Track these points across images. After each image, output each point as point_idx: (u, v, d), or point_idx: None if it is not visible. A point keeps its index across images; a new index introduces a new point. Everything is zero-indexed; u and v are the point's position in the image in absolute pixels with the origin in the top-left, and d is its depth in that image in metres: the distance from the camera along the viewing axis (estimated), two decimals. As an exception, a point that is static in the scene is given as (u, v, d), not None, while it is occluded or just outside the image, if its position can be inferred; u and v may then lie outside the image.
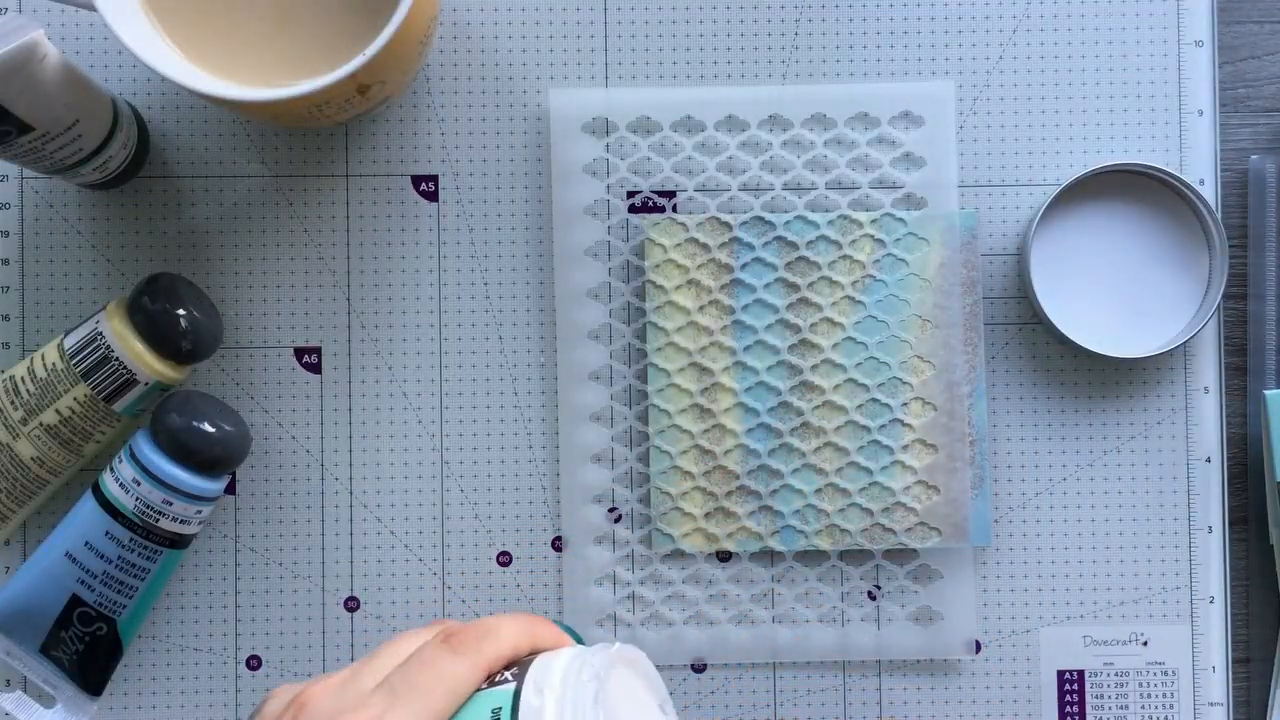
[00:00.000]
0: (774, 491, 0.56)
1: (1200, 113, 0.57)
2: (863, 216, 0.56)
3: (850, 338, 0.56)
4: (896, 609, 0.56)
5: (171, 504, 0.51)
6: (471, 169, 0.57)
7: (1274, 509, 0.56)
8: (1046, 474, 0.57)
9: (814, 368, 0.56)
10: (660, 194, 0.56)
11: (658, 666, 0.56)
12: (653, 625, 0.56)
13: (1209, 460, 0.57)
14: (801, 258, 0.56)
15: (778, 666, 0.56)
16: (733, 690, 0.56)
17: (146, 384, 0.52)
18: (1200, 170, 0.57)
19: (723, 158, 0.56)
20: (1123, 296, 0.56)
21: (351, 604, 0.56)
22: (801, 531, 0.56)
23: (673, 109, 0.56)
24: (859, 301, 0.56)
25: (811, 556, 0.56)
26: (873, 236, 0.56)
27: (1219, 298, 0.55)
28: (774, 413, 0.56)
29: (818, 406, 0.56)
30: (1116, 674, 0.56)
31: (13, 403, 0.52)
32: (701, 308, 0.56)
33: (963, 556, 0.56)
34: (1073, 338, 0.55)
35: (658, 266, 0.56)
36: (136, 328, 0.51)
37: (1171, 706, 0.56)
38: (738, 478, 0.56)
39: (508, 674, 0.37)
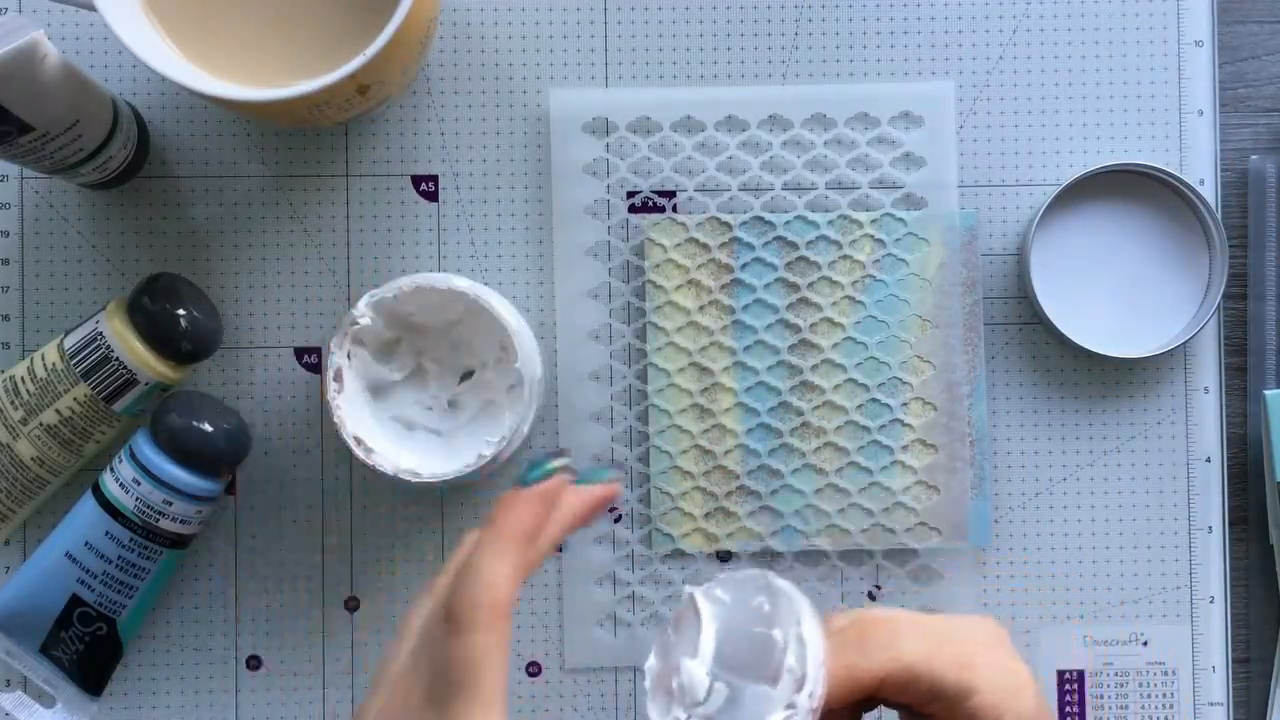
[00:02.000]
0: (774, 491, 0.56)
1: (1200, 113, 0.57)
2: (863, 216, 0.56)
3: (850, 338, 0.56)
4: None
5: (171, 504, 0.51)
6: (471, 169, 0.57)
7: (1274, 509, 0.56)
8: (1046, 474, 0.57)
9: (814, 368, 0.56)
10: (660, 194, 0.56)
11: (658, 666, 0.56)
12: (653, 625, 0.56)
13: (1209, 460, 0.57)
14: (801, 258, 0.56)
15: (778, 666, 0.56)
16: (733, 690, 0.56)
17: (146, 384, 0.52)
18: (1200, 170, 0.57)
19: (723, 158, 0.56)
20: (1122, 297, 0.56)
21: (351, 604, 0.56)
22: (801, 531, 0.56)
23: (673, 109, 0.56)
24: (859, 301, 0.56)
25: (812, 556, 0.56)
26: (873, 236, 0.56)
27: (1219, 298, 0.55)
28: (774, 413, 0.56)
29: (818, 406, 0.56)
30: (1116, 674, 0.56)
31: (13, 403, 0.52)
32: (701, 308, 0.56)
33: (963, 556, 0.56)
34: (1073, 338, 0.55)
35: (658, 266, 0.56)
36: (136, 328, 0.51)
37: (1171, 706, 0.56)
38: (738, 478, 0.56)
39: None
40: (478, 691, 0.36)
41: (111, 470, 0.52)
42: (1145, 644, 0.56)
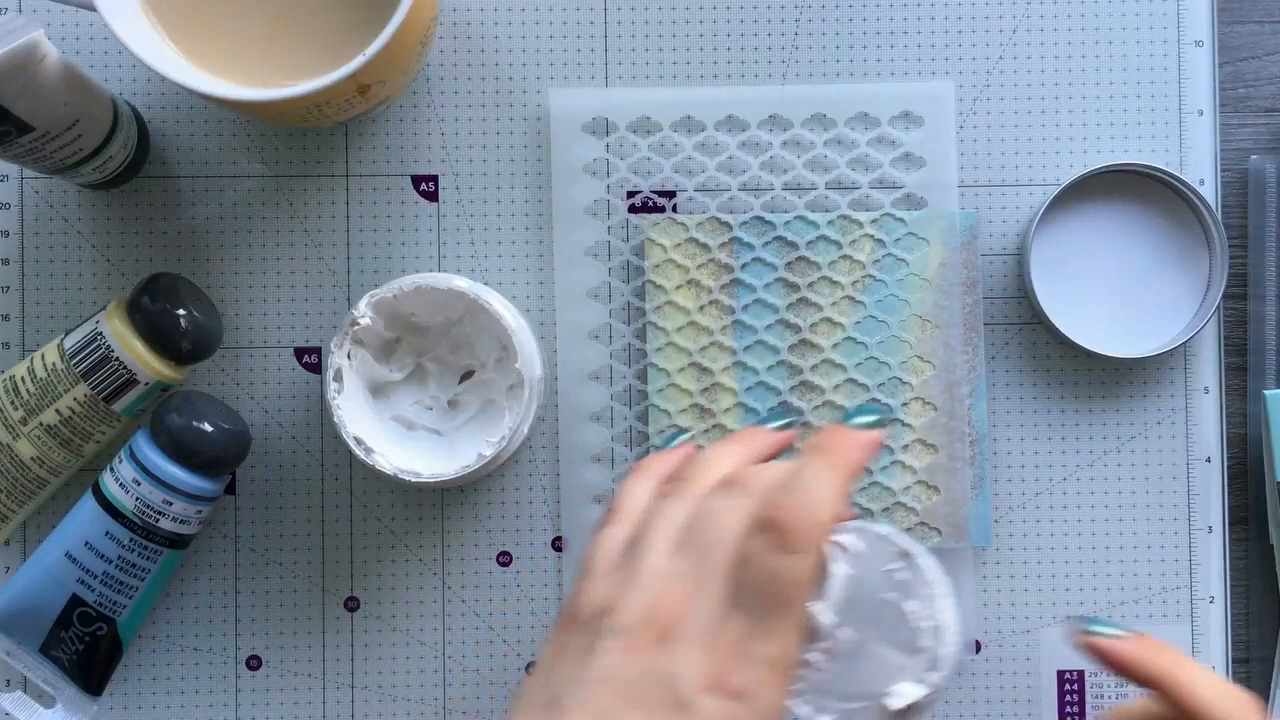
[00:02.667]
0: (774, 491, 0.56)
1: (1200, 113, 0.57)
2: (863, 216, 0.56)
3: (850, 338, 0.56)
4: (896, 609, 0.56)
5: (171, 504, 0.51)
6: (471, 169, 0.57)
7: (1274, 509, 0.56)
8: (1046, 474, 0.57)
9: (814, 368, 0.56)
10: (660, 194, 0.56)
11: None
12: (653, 625, 0.56)
13: (1209, 460, 0.57)
14: (801, 258, 0.56)
15: (778, 666, 0.56)
16: (733, 690, 0.56)
17: (146, 384, 0.52)
18: (1200, 170, 0.57)
19: (723, 158, 0.56)
20: (1123, 297, 0.56)
21: (351, 604, 0.56)
22: (801, 531, 0.56)
23: (673, 109, 0.56)
24: (859, 301, 0.56)
25: (811, 556, 0.56)
26: (873, 236, 0.56)
27: (1219, 298, 0.55)
28: (774, 413, 0.56)
29: (818, 407, 0.56)
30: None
31: (13, 403, 0.52)
32: (701, 308, 0.56)
33: (963, 556, 0.56)
34: (1073, 337, 0.55)
35: (658, 266, 0.56)
36: (136, 328, 0.51)
37: (1171, 706, 0.56)
38: (738, 478, 0.56)
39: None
40: (796, 609, 0.35)
41: (111, 470, 0.52)
42: (1145, 644, 0.56)
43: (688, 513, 0.38)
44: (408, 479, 0.51)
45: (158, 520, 0.51)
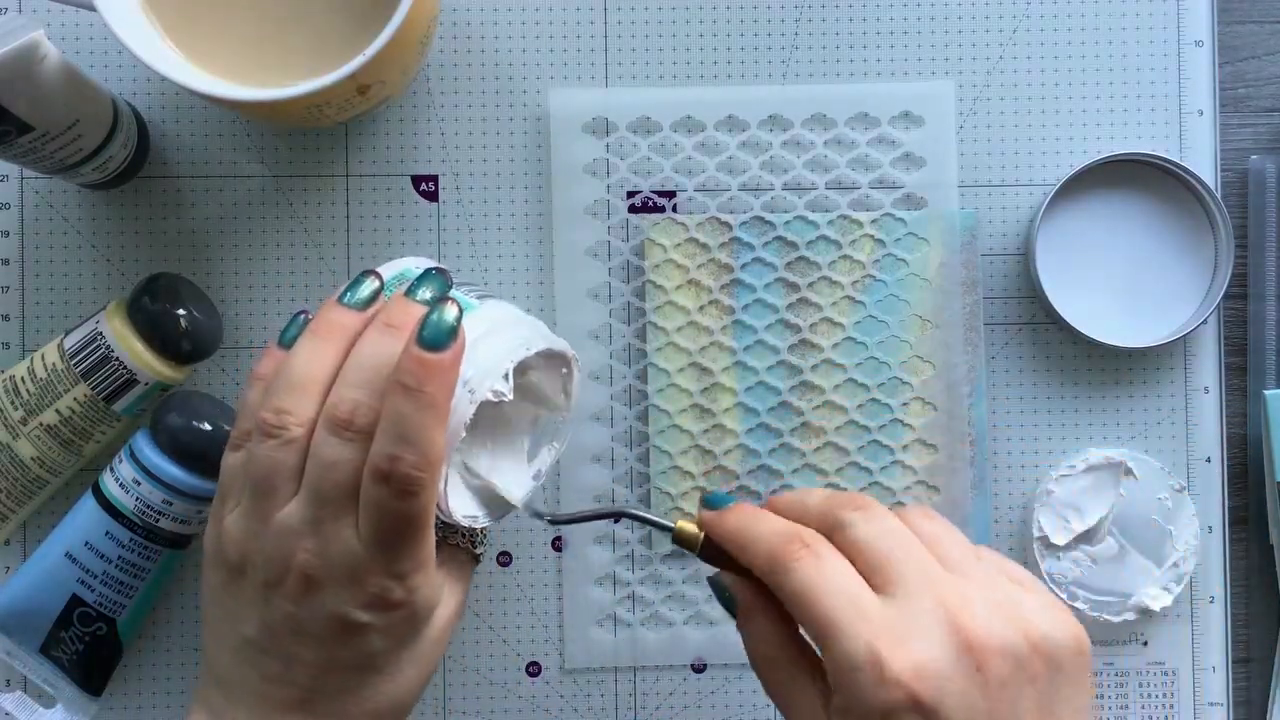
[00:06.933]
0: (774, 491, 0.56)
1: (1200, 113, 0.57)
2: (863, 216, 0.56)
3: (850, 338, 0.56)
4: (896, 609, 0.56)
5: (172, 504, 0.51)
6: (471, 169, 0.57)
7: (1274, 509, 0.56)
8: (1047, 474, 0.56)
9: (814, 368, 0.56)
10: (660, 194, 0.56)
11: (657, 667, 0.56)
12: (653, 625, 0.56)
13: (1209, 460, 0.57)
14: (801, 258, 0.56)
15: (778, 666, 0.56)
16: (733, 690, 0.56)
17: (146, 384, 0.52)
18: (1200, 170, 0.57)
19: (723, 158, 0.56)
20: (1128, 289, 0.56)
21: (351, 604, 0.56)
22: (801, 531, 0.56)
23: (673, 109, 0.56)
24: (859, 301, 0.56)
25: (811, 556, 0.56)
26: (873, 236, 0.56)
27: (1226, 279, 0.55)
28: (774, 413, 0.56)
29: (818, 406, 0.56)
30: (1116, 674, 0.56)
31: (13, 403, 0.52)
32: (701, 308, 0.56)
33: (963, 556, 0.56)
34: (1077, 326, 0.55)
35: (658, 266, 0.56)
36: (136, 328, 0.51)
37: (1171, 706, 0.56)
38: (738, 478, 0.56)
39: None
40: (426, 529, 0.41)
41: (111, 470, 0.52)
42: (1145, 644, 0.56)
43: (297, 455, 0.41)
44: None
45: (158, 520, 0.51)
